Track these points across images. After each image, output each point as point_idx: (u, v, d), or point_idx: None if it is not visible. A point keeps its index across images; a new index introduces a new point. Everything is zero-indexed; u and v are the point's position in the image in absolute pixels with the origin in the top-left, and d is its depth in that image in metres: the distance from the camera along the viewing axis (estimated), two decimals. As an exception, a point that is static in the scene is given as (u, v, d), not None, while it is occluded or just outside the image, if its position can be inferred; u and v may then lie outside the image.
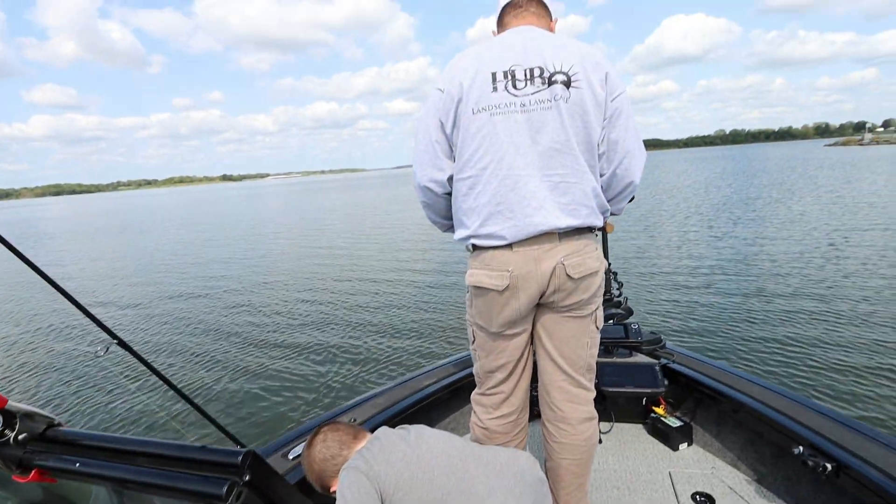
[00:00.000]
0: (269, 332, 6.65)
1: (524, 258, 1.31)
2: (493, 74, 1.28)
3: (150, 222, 29.69)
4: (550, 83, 1.26)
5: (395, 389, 2.10)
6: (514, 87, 1.27)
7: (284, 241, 15.88)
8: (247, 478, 0.62)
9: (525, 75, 1.27)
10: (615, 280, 2.64)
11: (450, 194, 1.43)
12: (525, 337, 1.48)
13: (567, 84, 1.26)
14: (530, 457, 1.35)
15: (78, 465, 0.74)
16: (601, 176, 1.38)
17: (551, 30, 1.44)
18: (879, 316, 5.39)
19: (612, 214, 1.52)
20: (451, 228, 1.55)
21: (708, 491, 1.79)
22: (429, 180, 1.40)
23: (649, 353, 2.36)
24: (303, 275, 10.31)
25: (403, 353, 5.47)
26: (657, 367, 2.20)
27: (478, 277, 1.37)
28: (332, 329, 6.52)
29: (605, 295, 2.51)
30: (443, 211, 1.50)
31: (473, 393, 1.63)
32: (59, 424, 0.82)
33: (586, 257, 1.35)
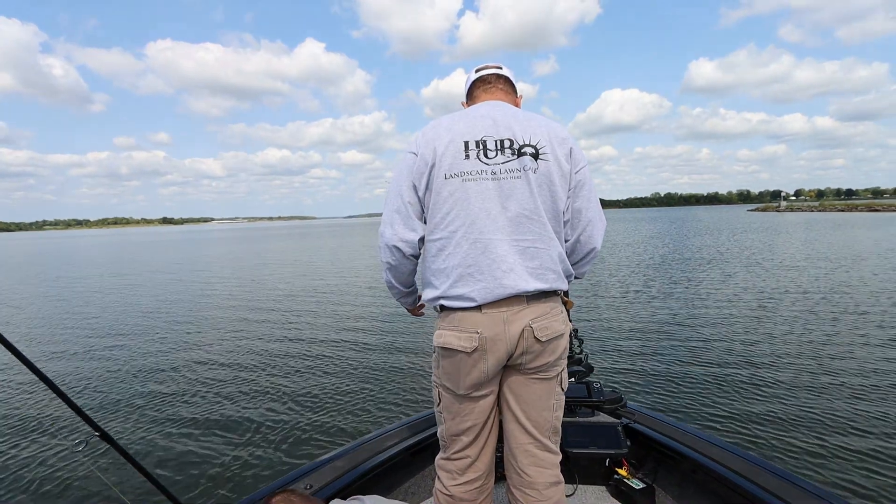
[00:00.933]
0: (210, 385, 5.96)
1: (493, 320, 1.34)
2: (466, 143, 1.34)
3: (68, 264, 27.35)
4: (520, 154, 1.34)
5: (354, 451, 2.03)
6: (486, 155, 1.34)
7: (225, 288, 14.90)
8: None
9: (496, 145, 1.34)
10: (576, 337, 2.60)
11: (416, 257, 1.46)
12: (492, 399, 1.49)
13: (535, 156, 1.35)
14: None
15: None
16: (566, 242, 1.46)
17: (517, 105, 1.55)
18: (835, 371, 5.52)
19: (574, 278, 1.57)
20: (407, 295, 1.61)
21: None
22: (399, 240, 1.40)
23: (611, 413, 2.34)
24: (251, 324, 9.53)
25: (362, 411, 5.03)
26: (619, 428, 2.19)
27: (446, 338, 1.38)
28: (285, 384, 5.91)
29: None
30: (405, 275, 1.51)
31: (438, 458, 1.60)
32: None
33: (552, 320, 1.40)
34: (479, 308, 1.34)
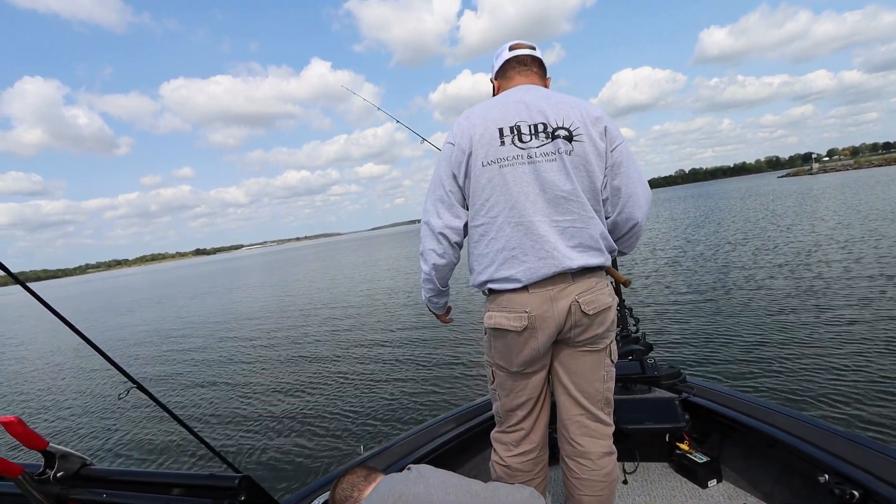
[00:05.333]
0: (290, 389, 6.76)
1: (540, 298, 1.38)
2: (500, 130, 1.38)
3: (124, 303, 28.58)
4: (553, 137, 1.37)
5: (415, 436, 2.10)
6: (521, 140, 1.37)
7: (285, 306, 15.39)
8: (242, 499, 0.68)
9: (530, 130, 1.37)
10: (631, 316, 2.58)
11: (460, 245, 1.49)
12: (543, 374, 1.54)
13: (569, 138, 1.37)
14: (534, 492, 1.31)
15: (105, 496, 0.84)
16: (606, 219, 1.47)
17: (546, 86, 1.56)
18: None
19: (620, 254, 1.60)
20: (442, 295, 1.63)
21: None
22: (445, 226, 1.43)
23: (669, 388, 2.29)
24: (316, 334, 10.20)
25: (421, 401, 5.52)
26: (677, 402, 2.14)
27: (496, 320, 1.42)
28: (350, 382, 6.58)
29: (622, 331, 2.51)
30: (447, 268, 1.53)
31: (493, 431, 1.67)
32: (91, 464, 0.93)
33: (598, 293, 1.42)
34: (525, 288, 1.37)
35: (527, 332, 1.40)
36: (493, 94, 1.58)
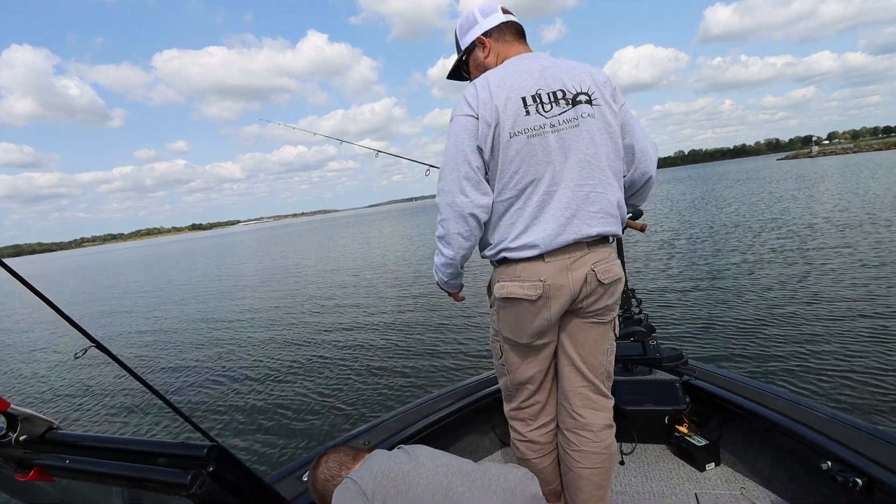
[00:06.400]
0: (280, 362, 6.74)
1: (556, 268, 1.36)
2: (524, 99, 1.34)
3: (124, 279, 28.50)
4: (574, 103, 1.36)
5: (409, 412, 2.09)
6: (543, 108, 1.35)
7: (286, 278, 15.35)
8: (210, 469, 0.64)
9: (549, 98, 1.35)
10: (633, 297, 2.53)
11: (485, 223, 1.43)
12: (553, 346, 1.53)
13: (589, 102, 1.37)
14: (527, 473, 1.29)
15: (68, 461, 0.81)
16: (623, 177, 1.49)
17: None
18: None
19: (633, 208, 1.67)
20: (459, 276, 1.58)
21: None
22: (475, 206, 1.36)
23: (670, 370, 2.26)
24: (310, 306, 10.18)
25: (416, 377, 5.49)
26: (678, 384, 2.12)
27: (510, 289, 1.39)
28: (344, 356, 6.57)
29: (624, 312, 2.46)
30: (470, 249, 1.46)
31: (507, 409, 1.65)
32: (58, 428, 0.89)
33: (612, 264, 1.44)
34: (541, 257, 1.35)
35: (540, 302, 1.38)
36: (485, 56, 1.51)
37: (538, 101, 1.34)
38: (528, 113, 1.33)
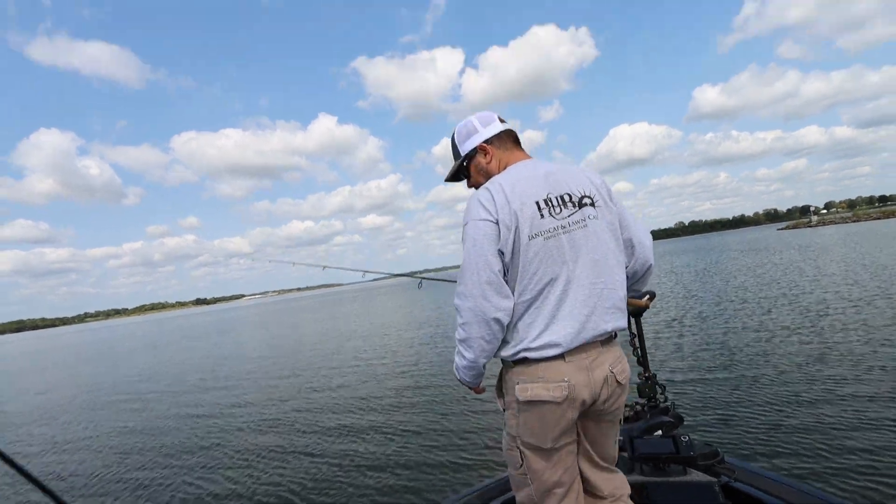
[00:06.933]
0: (264, 461, 5.88)
1: (577, 367, 1.38)
2: (537, 203, 1.42)
3: (114, 353, 27.96)
4: (580, 206, 1.45)
5: None
6: (554, 212, 1.42)
7: (280, 361, 14.90)
8: None
9: (558, 201, 1.44)
10: (657, 383, 2.40)
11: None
12: (575, 443, 1.52)
13: (592, 204, 1.47)
14: None
15: None
16: (625, 268, 1.56)
17: None
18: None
19: (635, 292, 1.77)
20: (482, 375, 1.57)
21: None
22: (498, 310, 1.37)
23: (706, 469, 2.08)
24: (304, 394, 9.38)
25: (418, 479, 4.86)
26: (717, 487, 1.97)
27: (534, 391, 1.38)
28: (336, 451, 5.79)
29: (648, 402, 2.36)
30: (492, 352, 1.45)
31: None
32: None
33: (625, 363, 1.50)
34: (562, 357, 1.37)
35: (566, 403, 1.38)
36: (487, 162, 1.60)
37: (549, 204, 1.42)
38: (542, 216, 1.40)
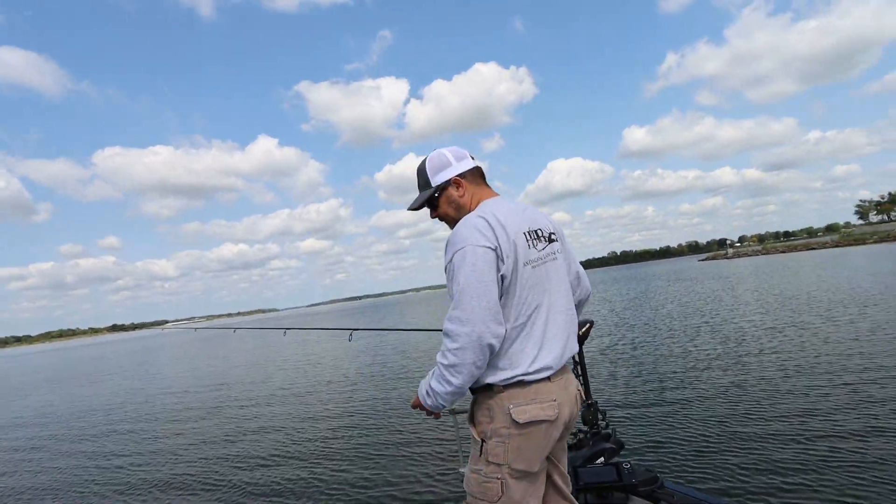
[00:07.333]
0: (233, 470, 5.35)
1: (559, 386, 1.50)
2: (525, 234, 1.53)
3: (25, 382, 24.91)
4: (550, 241, 1.61)
5: None
6: (535, 245, 1.56)
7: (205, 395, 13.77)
8: None
9: (535, 235, 1.57)
10: (598, 410, 2.45)
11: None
12: (545, 470, 1.59)
13: (556, 240, 1.65)
14: None
15: None
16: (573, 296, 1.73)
17: None
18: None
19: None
20: (460, 396, 1.56)
21: None
22: (494, 336, 1.39)
23: (647, 496, 2.15)
24: (275, 411, 8.71)
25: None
26: None
27: (533, 412, 1.42)
28: (298, 469, 5.44)
29: (591, 429, 2.40)
30: (479, 375, 1.46)
31: None
32: None
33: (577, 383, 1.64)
34: (549, 378, 1.47)
35: (557, 422, 1.47)
36: (460, 195, 1.66)
37: (531, 237, 1.55)
38: (529, 247, 1.52)
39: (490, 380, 1.47)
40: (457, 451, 2.29)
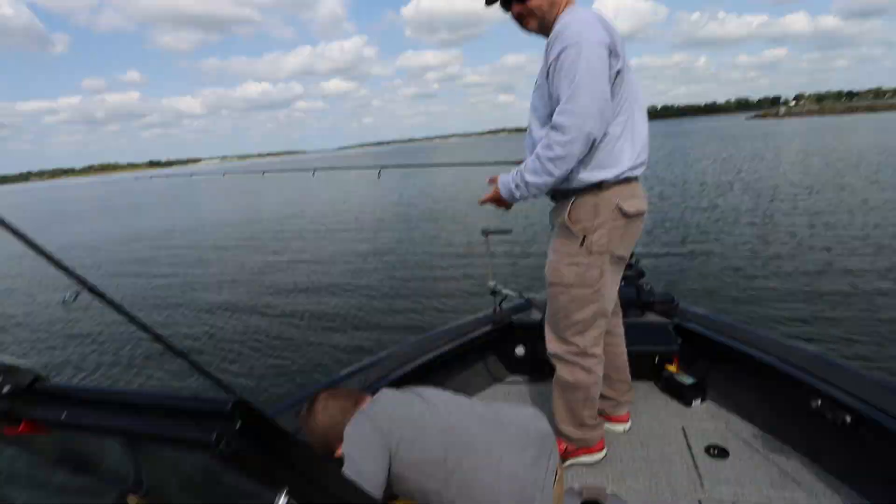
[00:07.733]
0: (273, 296, 6.89)
1: (641, 187, 1.63)
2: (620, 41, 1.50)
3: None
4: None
5: (403, 352, 2.11)
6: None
7: (263, 219, 14.89)
8: (237, 426, 0.56)
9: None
10: None
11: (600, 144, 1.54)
12: None
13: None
14: (537, 412, 1.33)
15: (65, 415, 0.72)
16: None
17: None
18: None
19: None
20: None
21: (721, 444, 1.77)
22: (600, 133, 1.43)
23: (662, 313, 2.32)
24: (303, 251, 10.04)
25: (407, 319, 5.64)
26: (670, 326, 2.18)
27: (637, 205, 1.56)
28: (335, 300, 6.57)
29: None
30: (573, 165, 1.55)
31: (575, 356, 1.66)
32: (46, 378, 0.80)
33: None
34: (637, 178, 1.59)
35: (644, 216, 1.62)
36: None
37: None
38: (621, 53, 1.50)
39: (602, 176, 1.52)
40: (486, 268, 2.47)
